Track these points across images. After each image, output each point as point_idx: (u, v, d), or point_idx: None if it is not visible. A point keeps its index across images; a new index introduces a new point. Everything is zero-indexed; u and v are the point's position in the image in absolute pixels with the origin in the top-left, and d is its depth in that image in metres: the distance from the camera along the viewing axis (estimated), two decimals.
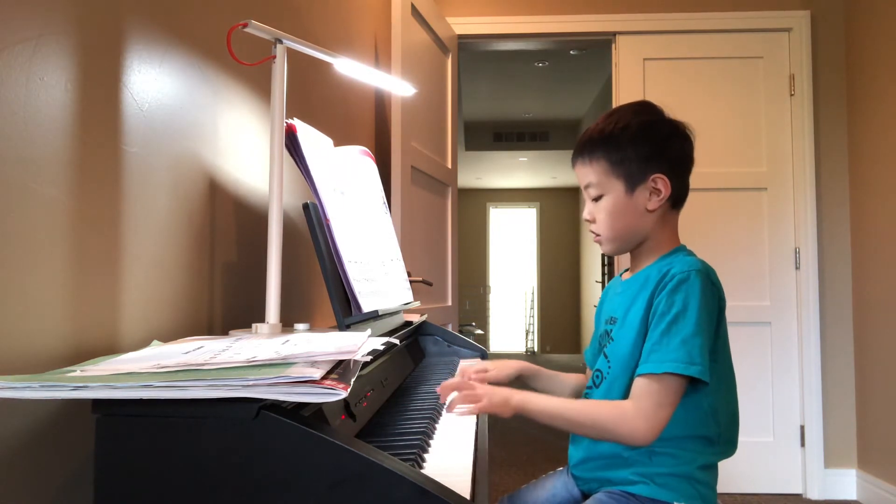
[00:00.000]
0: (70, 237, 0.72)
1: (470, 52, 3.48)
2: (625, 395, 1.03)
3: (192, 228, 0.99)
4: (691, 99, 3.02)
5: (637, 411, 0.96)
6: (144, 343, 0.83)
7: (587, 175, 1.11)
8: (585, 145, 1.11)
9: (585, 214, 1.14)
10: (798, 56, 2.99)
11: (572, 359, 9.04)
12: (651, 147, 1.08)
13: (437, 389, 1.05)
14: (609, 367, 1.09)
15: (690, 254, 1.10)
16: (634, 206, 1.08)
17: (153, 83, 0.89)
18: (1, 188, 0.62)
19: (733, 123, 3.02)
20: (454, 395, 1.03)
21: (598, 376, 1.12)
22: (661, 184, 1.07)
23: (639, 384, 0.98)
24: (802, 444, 2.90)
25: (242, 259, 1.16)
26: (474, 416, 1.00)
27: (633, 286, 1.10)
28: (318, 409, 0.67)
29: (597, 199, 1.10)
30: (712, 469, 1.05)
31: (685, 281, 1.00)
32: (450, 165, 2.93)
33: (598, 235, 1.13)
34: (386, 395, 1.05)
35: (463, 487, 0.66)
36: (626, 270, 1.19)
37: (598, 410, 0.99)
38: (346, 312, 0.99)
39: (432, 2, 2.71)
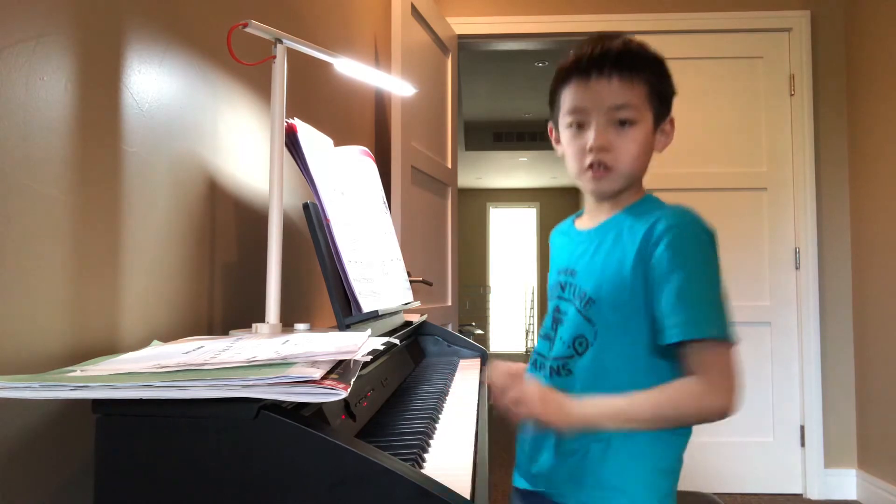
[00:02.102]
0: (70, 237, 0.72)
1: (470, 52, 3.48)
2: (615, 364, 0.94)
3: (192, 228, 0.99)
4: (691, 99, 3.02)
5: (711, 386, 0.87)
6: (144, 343, 0.83)
7: (624, 94, 0.95)
8: (630, 59, 0.96)
9: (598, 140, 0.95)
10: (798, 56, 2.99)
11: None
12: (671, 86, 1.00)
13: (488, 381, 0.96)
14: (595, 333, 0.96)
15: (663, 203, 1.00)
16: (650, 147, 0.99)
17: (153, 83, 0.89)
18: (1, 188, 0.62)
19: (733, 123, 3.02)
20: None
21: (580, 343, 0.97)
22: (670, 127, 1.01)
23: (692, 359, 0.89)
24: (802, 444, 2.90)
25: (242, 259, 1.16)
26: (474, 416, 1.00)
27: (603, 236, 0.99)
28: (318, 409, 0.67)
29: (624, 123, 0.95)
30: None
31: (694, 235, 0.91)
32: (450, 165, 2.93)
33: (607, 169, 0.96)
34: (386, 395, 1.05)
35: (463, 487, 0.66)
36: (577, 217, 1.11)
37: (673, 398, 0.88)
38: (346, 312, 0.99)
39: (432, 2, 2.70)
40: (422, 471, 0.68)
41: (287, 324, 1.00)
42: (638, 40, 0.98)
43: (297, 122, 1.02)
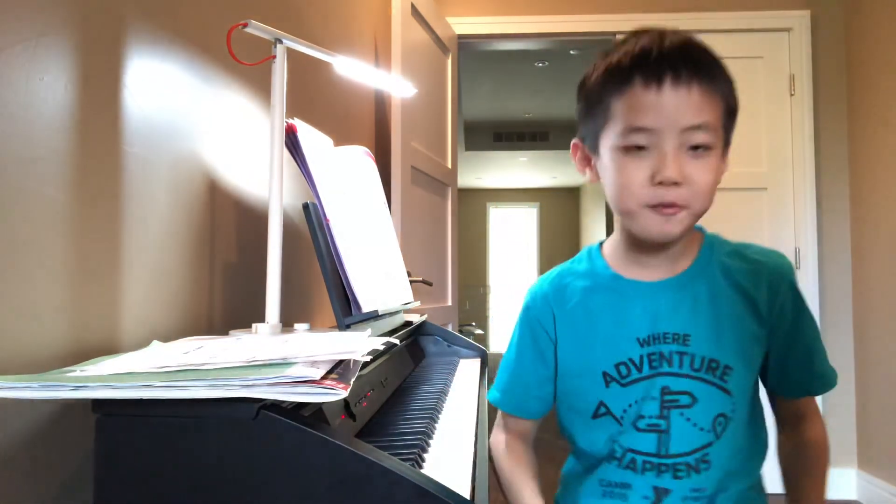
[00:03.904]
0: (70, 237, 0.72)
1: (470, 52, 3.48)
2: (743, 434, 0.84)
3: (192, 228, 0.99)
4: None
5: (823, 425, 0.91)
6: (144, 343, 0.83)
7: (704, 111, 0.73)
8: (712, 66, 0.75)
9: (674, 171, 0.72)
10: (798, 56, 2.99)
11: None
12: (738, 102, 0.81)
13: None
14: (734, 406, 0.82)
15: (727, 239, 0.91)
16: (718, 177, 0.78)
17: (153, 83, 0.89)
18: (1, 188, 0.62)
19: None
20: None
21: (720, 423, 0.81)
22: (727, 160, 0.82)
23: (811, 400, 0.90)
24: None
25: (242, 259, 1.16)
26: (474, 416, 1.00)
27: (693, 288, 0.83)
28: (318, 409, 0.67)
29: (698, 148, 0.74)
30: None
31: (795, 273, 0.86)
32: (450, 165, 2.93)
33: (680, 208, 0.75)
34: (386, 395, 1.05)
35: (463, 487, 0.66)
36: (597, 264, 0.90)
37: (825, 460, 0.92)
38: (346, 312, 0.99)
39: (432, 2, 2.70)
40: (421, 471, 0.68)
41: (287, 324, 1.00)
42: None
43: (297, 122, 1.02)
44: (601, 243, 0.92)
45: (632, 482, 0.83)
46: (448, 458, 0.78)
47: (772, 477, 0.91)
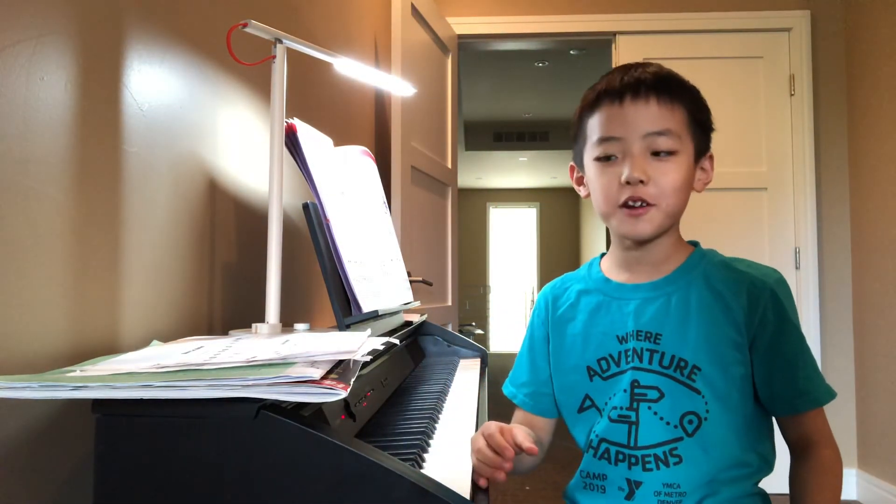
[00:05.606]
0: (70, 237, 0.72)
1: (470, 52, 3.48)
2: (725, 441, 0.84)
3: (193, 228, 0.99)
4: None
5: (836, 453, 0.85)
6: (144, 343, 0.83)
7: (664, 119, 0.83)
8: (669, 83, 0.85)
9: (635, 171, 0.82)
10: (798, 56, 2.99)
11: None
12: (710, 118, 0.90)
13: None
14: (707, 407, 0.84)
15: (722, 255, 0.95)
16: (691, 182, 0.87)
17: (153, 83, 0.89)
18: (1, 188, 0.62)
19: (733, 123, 3.02)
20: None
21: (690, 421, 0.84)
22: (710, 165, 0.91)
23: (816, 424, 0.86)
24: None
25: (242, 259, 1.16)
26: (474, 416, 1.00)
27: (673, 293, 0.88)
28: (317, 409, 0.67)
29: (662, 154, 0.84)
30: None
31: (790, 294, 0.86)
32: (450, 165, 2.93)
33: (647, 205, 0.83)
34: (386, 394, 1.05)
35: (463, 487, 0.66)
36: (596, 269, 0.97)
37: (833, 486, 0.85)
38: (346, 312, 0.99)
39: (432, 2, 2.70)
40: (422, 471, 0.68)
41: (287, 324, 1.00)
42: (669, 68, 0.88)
43: (297, 122, 1.02)
44: (602, 255, 1.00)
45: (608, 473, 0.88)
46: (448, 458, 0.78)
47: (776, 477, 0.91)
